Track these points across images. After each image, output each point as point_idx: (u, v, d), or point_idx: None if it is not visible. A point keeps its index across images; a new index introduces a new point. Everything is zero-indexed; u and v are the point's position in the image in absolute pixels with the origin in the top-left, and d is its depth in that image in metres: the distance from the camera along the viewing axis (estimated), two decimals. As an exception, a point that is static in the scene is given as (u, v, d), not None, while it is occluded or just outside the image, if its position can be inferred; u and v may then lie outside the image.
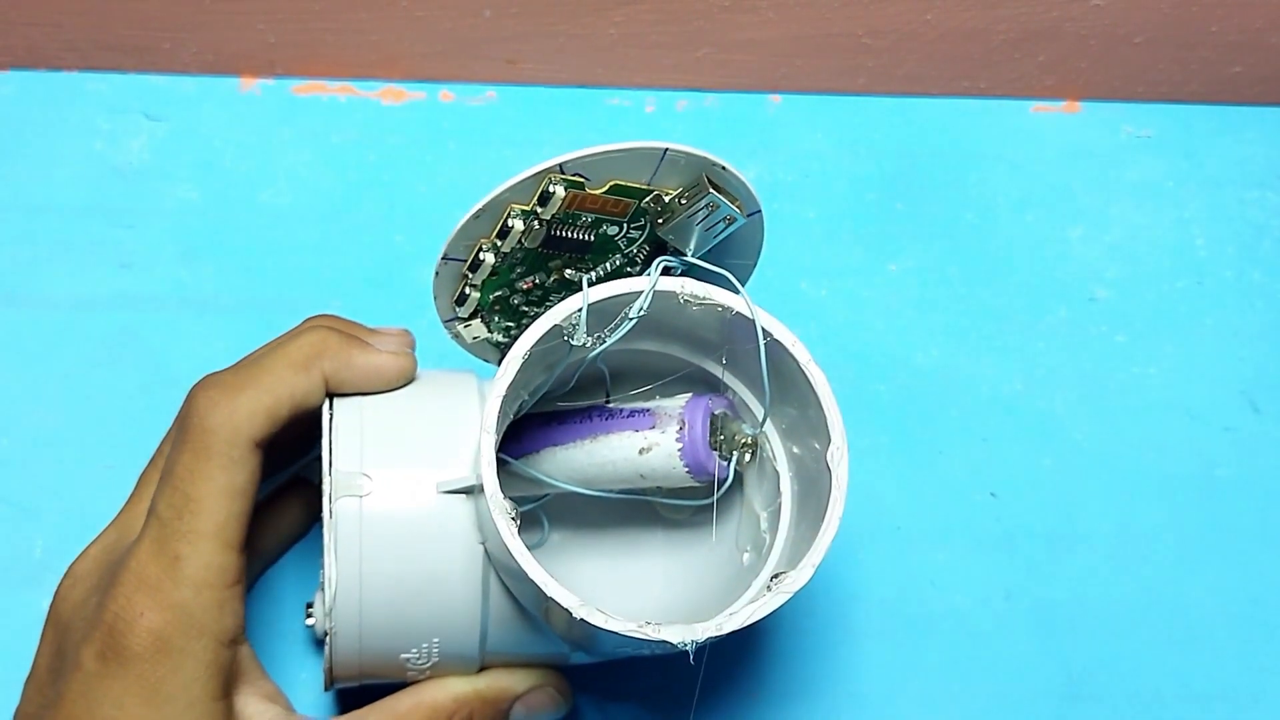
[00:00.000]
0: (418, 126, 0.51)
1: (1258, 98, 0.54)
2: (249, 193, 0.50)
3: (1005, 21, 0.50)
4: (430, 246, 0.49)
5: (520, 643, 0.38)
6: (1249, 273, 0.52)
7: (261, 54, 0.50)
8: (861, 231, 0.51)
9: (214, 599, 0.35)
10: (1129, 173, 0.53)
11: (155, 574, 0.35)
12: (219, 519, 0.35)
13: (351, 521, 0.36)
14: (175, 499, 0.35)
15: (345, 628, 0.36)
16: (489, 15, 0.49)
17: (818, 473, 0.36)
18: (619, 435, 0.37)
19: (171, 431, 0.39)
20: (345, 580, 0.35)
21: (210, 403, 0.36)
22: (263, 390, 0.36)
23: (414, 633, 0.36)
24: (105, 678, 0.35)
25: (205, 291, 0.48)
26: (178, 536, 0.35)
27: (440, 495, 0.36)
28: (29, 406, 0.47)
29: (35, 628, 0.43)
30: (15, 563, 0.45)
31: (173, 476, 0.36)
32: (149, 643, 0.35)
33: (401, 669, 0.37)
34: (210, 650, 0.35)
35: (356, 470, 0.36)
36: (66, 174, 0.50)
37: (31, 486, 0.46)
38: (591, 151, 0.34)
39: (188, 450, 0.36)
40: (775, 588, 0.34)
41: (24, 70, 0.51)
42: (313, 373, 0.37)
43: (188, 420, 0.36)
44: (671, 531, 0.42)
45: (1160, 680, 0.46)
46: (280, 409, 0.36)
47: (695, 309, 0.36)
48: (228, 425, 0.36)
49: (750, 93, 0.53)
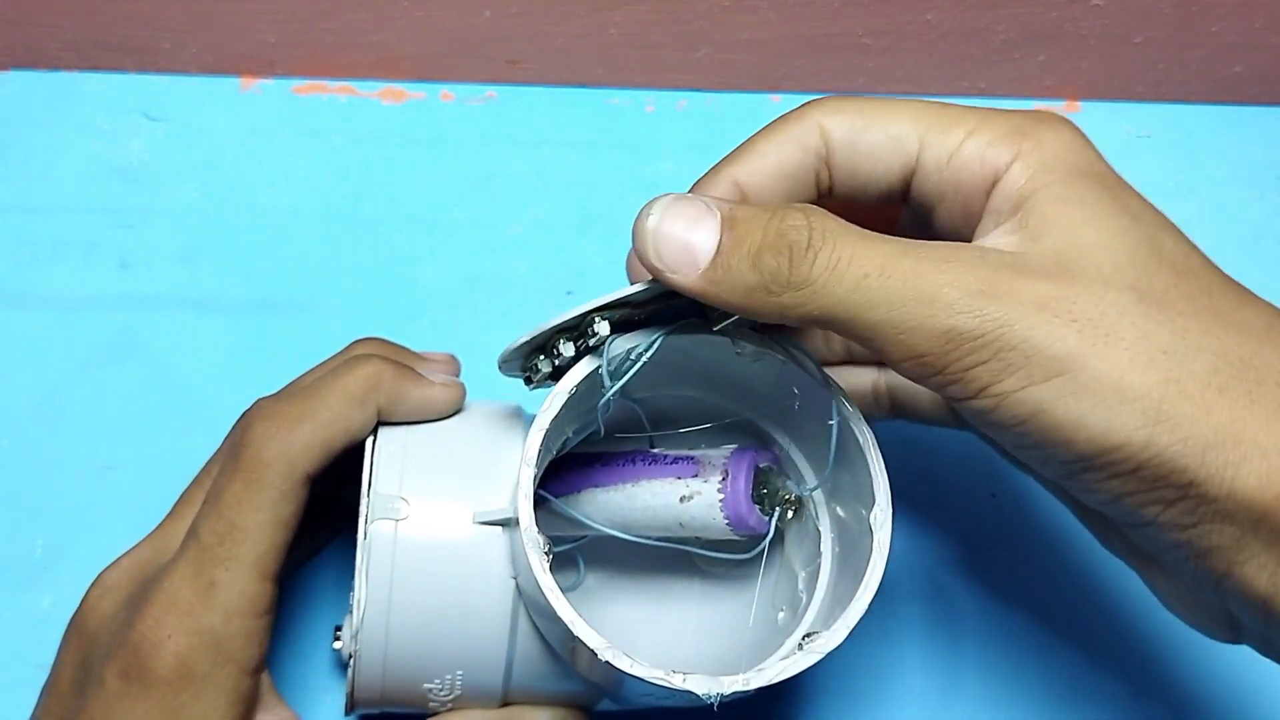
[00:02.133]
0: (418, 126, 0.51)
1: (1258, 98, 0.54)
2: (249, 193, 0.50)
3: (1005, 21, 0.50)
4: (430, 246, 0.50)
5: (545, 680, 0.37)
6: (1249, 273, 0.52)
7: (261, 54, 0.50)
8: (861, 231, 0.51)
9: (243, 628, 0.35)
10: (1129, 173, 0.53)
11: (187, 597, 0.35)
12: (260, 549, 0.36)
13: (386, 544, 0.36)
14: (219, 525, 0.35)
15: (370, 650, 0.36)
16: (489, 15, 0.49)
17: (859, 534, 0.35)
18: (661, 481, 0.36)
19: (219, 454, 0.39)
20: (374, 603, 0.35)
21: (266, 434, 0.36)
22: (320, 424, 0.36)
23: (439, 661, 0.36)
24: (127, 698, 0.35)
25: (205, 291, 0.48)
26: (216, 562, 0.35)
27: (476, 526, 0.36)
28: (29, 406, 0.47)
29: (35, 628, 0.43)
30: (15, 563, 0.45)
31: (220, 503, 0.36)
32: (173, 666, 0.35)
33: (424, 698, 0.37)
34: (233, 678, 0.35)
35: (395, 494, 0.36)
36: (66, 174, 0.50)
37: (31, 486, 0.46)
38: (629, 292, 0.33)
39: (239, 479, 0.36)
40: (807, 647, 0.34)
41: (24, 70, 0.51)
42: (369, 407, 0.37)
43: (243, 450, 0.36)
44: (708, 583, 0.41)
45: (1160, 679, 0.46)
46: (335, 443, 0.37)
47: (753, 363, 0.36)
48: (283, 459, 0.36)
49: (750, 93, 0.53)
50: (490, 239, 0.50)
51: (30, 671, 0.40)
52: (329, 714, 0.44)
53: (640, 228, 0.31)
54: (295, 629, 0.44)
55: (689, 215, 0.31)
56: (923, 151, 0.34)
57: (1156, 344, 0.30)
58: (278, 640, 0.44)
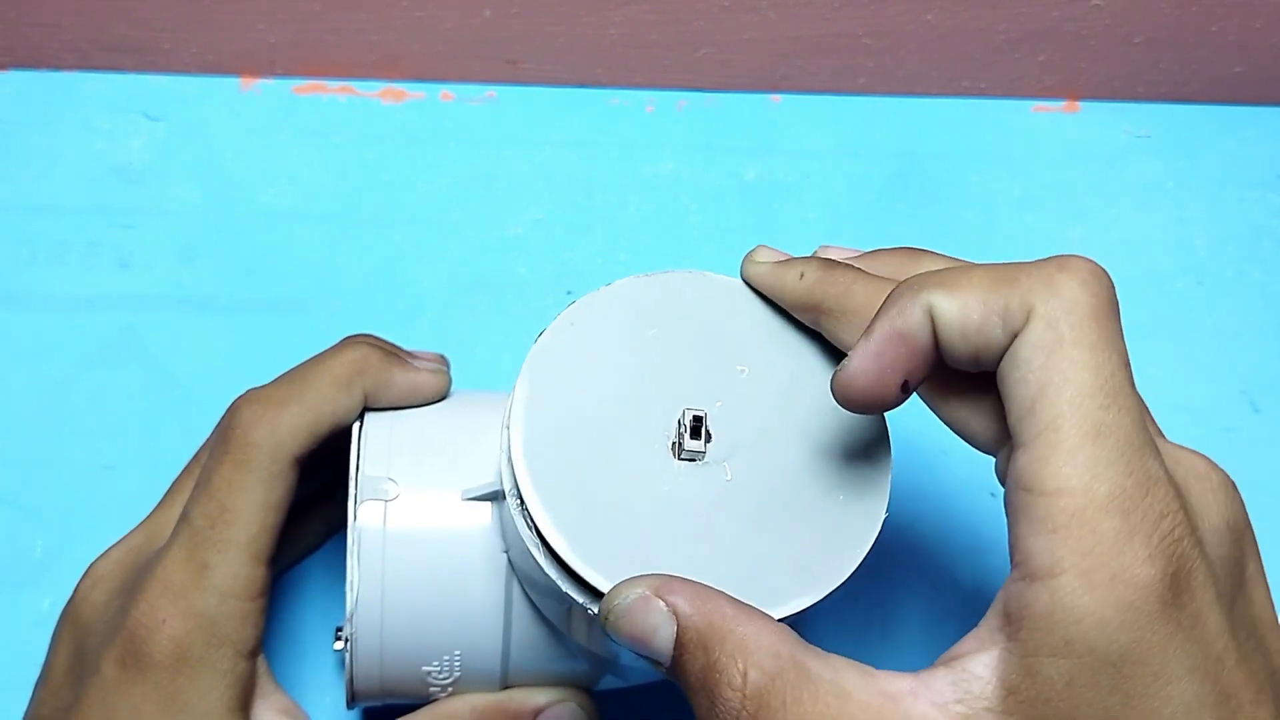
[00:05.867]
0: (418, 126, 0.51)
1: (1258, 98, 0.54)
2: (249, 193, 0.50)
3: (1005, 21, 0.50)
4: (430, 246, 0.50)
5: (544, 661, 0.38)
6: (1249, 273, 0.52)
7: (261, 54, 0.50)
8: (862, 232, 0.51)
9: (238, 610, 0.36)
10: (1129, 173, 0.53)
11: (181, 580, 0.35)
12: (252, 531, 0.36)
13: (375, 524, 0.36)
14: (210, 508, 0.36)
15: (367, 633, 0.36)
16: (489, 15, 0.49)
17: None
18: None
19: (209, 441, 0.39)
20: (367, 584, 0.36)
21: (254, 417, 0.36)
22: (306, 407, 0.37)
23: (436, 642, 0.36)
24: (124, 684, 0.35)
25: (205, 291, 0.48)
26: (208, 545, 0.35)
27: (465, 503, 0.36)
28: (29, 406, 0.47)
29: (35, 628, 0.43)
30: (15, 563, 0.45)
31: (210, 486, 0.36)
32: (170, 650, 0.35)
33: (423, 683, 0.37)
34: (229, 661, 0.36)
35: (383, 476, 0.36)
36: (66, 174, 0.50)
37: (31, 486, 0.46)
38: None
39: (228, 462, 0.36)
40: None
41: (24, 70, 0.51)
42: (354, 390, 0.37)
43: (230, 432, 0.36)
44: None
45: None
46: (322, 426, 0.37)
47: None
48: (270, 440, 0.36)
49: (750, 93, 0.53)
50: (490, 239, 0.50)
51: (30, 671, 0.40)
52: (330, 714, 0.44)
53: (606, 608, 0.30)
54: (295, 629, 0.44)
55: (644, 624, 0.30)
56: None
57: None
58: (278, 641, 0.44)
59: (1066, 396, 0.27)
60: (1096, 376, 0.27)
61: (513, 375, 0.35)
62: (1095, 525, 0.26)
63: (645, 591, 0.30)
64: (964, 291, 0.29)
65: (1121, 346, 0.28)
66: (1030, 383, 0.28)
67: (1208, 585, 0.27)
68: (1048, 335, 0.28)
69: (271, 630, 0.37)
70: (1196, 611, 0.26)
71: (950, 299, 0.29)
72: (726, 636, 0.29)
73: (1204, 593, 0.27)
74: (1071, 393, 0.27)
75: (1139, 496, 0.27)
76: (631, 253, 0.50)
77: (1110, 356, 0.28)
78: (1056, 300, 0.28)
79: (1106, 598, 0.26)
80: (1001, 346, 0.29)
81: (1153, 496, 0.27)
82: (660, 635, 0.29)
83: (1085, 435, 0.27)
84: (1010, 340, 0.28)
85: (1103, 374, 0.27)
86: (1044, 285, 0.28)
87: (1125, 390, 0.28)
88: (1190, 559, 0.26)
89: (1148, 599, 0.26)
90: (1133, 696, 0.26)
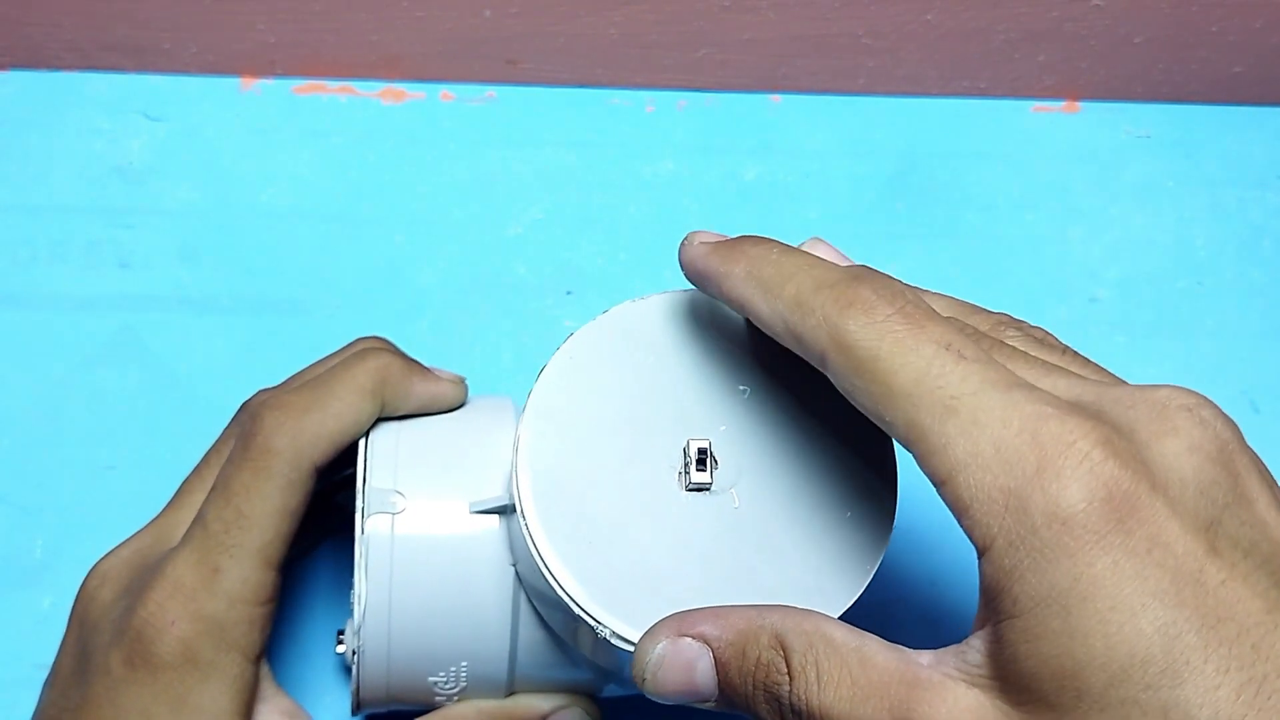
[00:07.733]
0: (418, 126, 0.51)
1: (1258, 98, 0.54)
2: (249, 193, 0.50)
3: (1005, 21, 0.50)
4: (430, 246, 0.50)
5: (549, 668, 0.38)
6: (1249, 273, 0.52)
7: (261, 54, 0.50)
8: (862, 232, 0.51)
9: (246, 615, 0.36)
10: (1129, 173, 0.53)
11: (192, 583, 0.35)
12: (266, 538, 0.36)
13: (383, 538, 0.36)
14: (227, 513, 0.36)
15: (374, 646, 0.36)
16: (489, 15, 0.49)
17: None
18: None
19: (220, 444, 0.39)
20: (375, 598, 0.35)
21: (277, 424, 0.36)
22: (329, 415, 0.37)
23: (443, 653, 0.36)
24: (132, 684, 0.35)
25: (205, 291, 0.48)
26: (221, 549, 0.35)
27: (473, 516, 0.36)
28: (29, 406, 0.47)
29: (35, 628, 0.43)
30: (15, 563, 0.45)
31: (228, 491, 0.36)
32: (177, 651, 0.35)
33: (429, 693, 0.37)
34: (237, 665, 0.36)
35: (390, 489, 0.36)
36: (66, 174, 0.50)
37: (31, 486, 0.46)
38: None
39: (248, 467, 0.36)
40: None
41: (24, 70, 0.51)
42: (376, 399, 0.37)
43: (252, 438, 0.36)
44: None
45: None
46: (345, 435, 0.37)
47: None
48: (292, 448, 0.36)
49: (750, 93, 0.53)
50: (490, 239, 0.50)
51: (30, 671, 0.40)
52: (332, 715, 0.44)
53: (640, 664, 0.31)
54: (297, 631, 0.44)
55: (682, 665, 0.30)
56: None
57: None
58: (280, 642, 0.44)
59: (915, 405, 0.28)
60: (930, 364, 0.28)
61: (513, 375, 0.35)
62: (992, 487, 0.26)
63: (670, 636, 0.30)
64: None
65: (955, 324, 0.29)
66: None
67: (1160, 506, 0.25)
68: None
69: (273, 631, 0.37)
70: (1152, 534, 0.25)
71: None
72: (759, 633, 0.29)
73: (1156, 514, 0.25)
74: (913, 391, 0.28)
75: (1028, 438, 0.26)
76: (631, 253, 0.50)
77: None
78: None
79: (1033, 546, 0.25)
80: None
81: (1046, 432, 0.26)
82: (700, 667, 0.30)
83: (942, 412, 0.27)
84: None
85: (934, 364, 0.28)
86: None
87: (962, 350, 0.28)
88: (1121, 480, 0.25)
89: (1074, 531, 0.25)
90: (1092, 635, 0.25)
